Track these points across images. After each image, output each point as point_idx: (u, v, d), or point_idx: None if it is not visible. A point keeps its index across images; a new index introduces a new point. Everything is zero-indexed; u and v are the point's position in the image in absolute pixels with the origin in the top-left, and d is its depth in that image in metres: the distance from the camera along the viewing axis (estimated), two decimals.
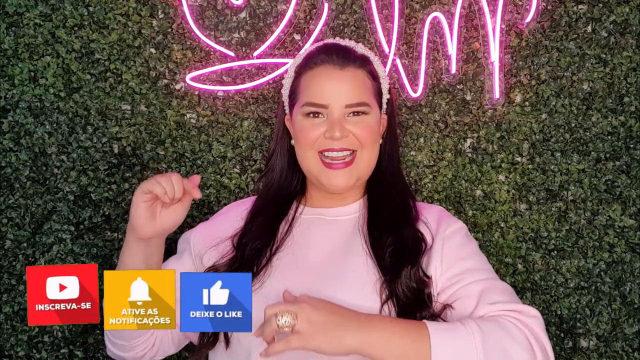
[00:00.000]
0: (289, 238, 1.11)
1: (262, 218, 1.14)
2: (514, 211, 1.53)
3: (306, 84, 1.12)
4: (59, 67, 1.48)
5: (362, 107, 1.10)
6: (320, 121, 1.10)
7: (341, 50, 1.13)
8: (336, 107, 1.08)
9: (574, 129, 1.52)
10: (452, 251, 1.08)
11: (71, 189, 1.50)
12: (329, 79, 1.09)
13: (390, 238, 1.07)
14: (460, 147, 1.53)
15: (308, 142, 1.10)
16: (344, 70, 1.10)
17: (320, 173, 1.10)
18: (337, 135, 1.07)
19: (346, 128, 1.08)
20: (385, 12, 1.49)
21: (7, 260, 1.50)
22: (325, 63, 1.11)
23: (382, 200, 1.15)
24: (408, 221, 1.11)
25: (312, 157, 1.10)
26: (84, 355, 1.51)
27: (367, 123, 1.11)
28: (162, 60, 1.49)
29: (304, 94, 1.11)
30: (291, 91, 1.17)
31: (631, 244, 1.52)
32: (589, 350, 1.52)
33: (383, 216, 1.11)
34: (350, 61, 1.11)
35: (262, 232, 1.11)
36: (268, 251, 1.09)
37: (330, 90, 1.09)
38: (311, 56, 1.15)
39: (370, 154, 1.12)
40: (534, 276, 1.52)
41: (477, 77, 1.51)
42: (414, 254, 1.06)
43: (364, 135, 1.09)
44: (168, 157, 1.51)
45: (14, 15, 1.47)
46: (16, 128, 1.49)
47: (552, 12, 1.51)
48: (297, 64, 1.17)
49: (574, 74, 1.51)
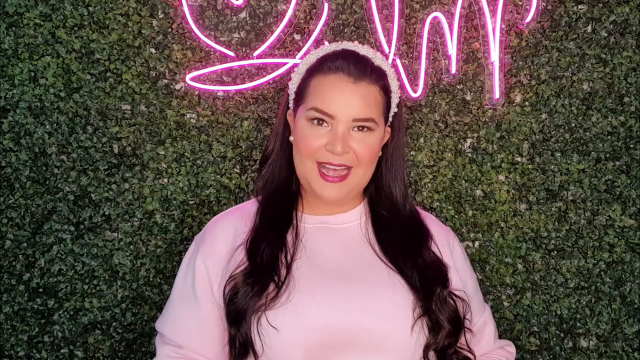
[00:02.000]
0: (300, 246, 1.09)
1: (270, 223, 1.11)
2: (514, 211, 1.53)
3: (316, 87, 1.08)
4: (59, 67, 1.48)
5: (368, 122, 1.07)
6: (324, 131, 1.06)
7: (359, 60, 1.09)
8: (343, 120, 1.05)
9: (574, 129, 1.52)
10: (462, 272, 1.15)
11: (71, 188, 1.50)
12: (341, 91, 1.06)
13: (411, 260, 1.08)
14: (460, 147, 1.53)
15: (308, 151, 1.07)
16: (357, 85, 1.06)
17: (314, 182, 1.08)
18: (339, 151, 1.04)
19: (348, 144, 1.05)
20: (385, 12, 1.50)
21: (7, 260, 1.50)
22: (340, 72, 1.07)
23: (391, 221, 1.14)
24: (424, 243, 1.12)
25: (310, 165, 1.08)
26: (84, 355, 1.51)
27: (370, 141, 1.08)
28: (162, 60, 1.50)
29: (313, 98, 1.08)
30: (299, 89, 1.13)
31: (631, 244, 1.52)
32: (589, 350, 1.53)
33: (396, 239, 1.11)
34: (365, 75, 1.07)
35: (273, 238, 1.08)
36: (284, 259, 1.05)
37: (341, 101, 1.05)
38: (327, 59, 1.10)
39: (365, 171, 1.10)
40: (534, 276, 1.53)
41: (477, 77, 1.52)
42: (442, 274, 1.09)
43: (364, 153, 1.07)
44: (168, 157, 1.51)
45: (14, 15, 1.47)
46: (16, 128, 1.49)
47: (552, 12, 1.51)
48: (311, 63, 1.12)
49: (574, 74, 1.51)
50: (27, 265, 1.51)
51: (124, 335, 1.52)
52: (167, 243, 1.52)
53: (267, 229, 1.10)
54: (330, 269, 1.06)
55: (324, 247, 1.09)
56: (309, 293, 1.02)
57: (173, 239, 1.52)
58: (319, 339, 0.99)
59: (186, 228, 1.52)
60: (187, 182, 1.52)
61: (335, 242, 1.10)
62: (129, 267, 1.51)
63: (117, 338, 1.52)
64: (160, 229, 1.52)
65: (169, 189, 1.51)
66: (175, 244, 1.52)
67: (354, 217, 1.14)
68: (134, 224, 1.52)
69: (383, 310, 1.01)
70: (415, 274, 1.06)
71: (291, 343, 0.99)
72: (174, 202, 1.52)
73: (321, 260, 1.07)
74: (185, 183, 1.51)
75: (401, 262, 1.07)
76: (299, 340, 0.98)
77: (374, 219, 1.14)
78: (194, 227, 1.52)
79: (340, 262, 1.07)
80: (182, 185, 1.51)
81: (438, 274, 1.08)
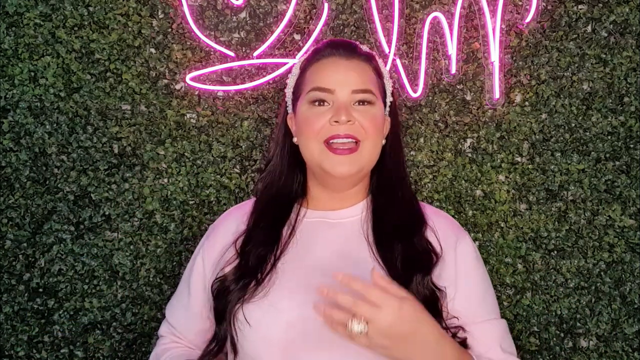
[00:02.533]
0: (293, 242, 1.10)
1: (264, 223, 1.13)
2: (514, 211, 1.53)
3: (313, 72, 1.13)
4: (59, 67, 1.49)
5: (367, 94, 1.10)
6: (325, 109, 1.09)
7: (347, 44, 1.16)
8: (342, 92, 1.08)
9: (574, 129, 1.52)
10: (464, 273, 1.10)
11: (71, 188, 1.51)
12: (336, 67, 1.11)
13: (400, 246, 1.07)
14: (460, 147, 1.54)
15: (313, 131, 1.08)
16: (350, 61, 1.12)
17: (324, 160, 1.08)
18: (344, 119, 1.06)
19: (352, 114, 1.07)
20: (385, 12, 1.50)
21: (7, 260, 1.50)
22: (332, 55, 1.13)
23: (388, 205, 1.14)
24: (417, 229, 1.11)
25: (318, 146, 1.09)
26: (84, 355, 1.52)
27: (372, 114, 1.10)
28: (162, 60, 1.50)
29: (310, 82, 1.12)
30: (296, 87, 1.17)
31: (631, 243, 1.52)
32: (589, 350, 1.53)
33: (391, 223, 1.11)
34: (356, 54, 1.13)
35: (265, 238, 1.10)
36: (272, 257, 1.08)
37: (337, 76, 1.10)
38: (317, 50, 1.17)
39: (373, 146, 1.11)
40: (534, 276, 1.53)
41: (477, 77, 1.52)
42: (425, 263, 1.07)
43: (369, 125, 1.09)
44: (168, 157, 1.51)
45: (14, 15, 1.48)
46: (16, 128, 1.49)
47: (552, 12, 1.51)
48: (303, 60, 1.19)
49: (574, 74, 1.52)
50: (27, 265, 1.51)
51: (124, 335, 1.53)
52: (167, 243, 1.53)
53: (259, 229, 1.13)
54: (317, 265, 1.06)
55: (317, 242, 1.11)
56: (287, 289, 1.03)
57: (173, 238, 1.53)
58: (294, 335, 1.00)
59: (186, 228, 1.53)
60: (187, 182, 1.52)
61: (330, 237, 1.11)
62: (129, 267, 1.52)
63: (117, 338, 1.53)
64: (160, 229, 1.52)
65: (169, 189, 1.52)
66: (175, 244, 1.53)
67: (355, 212, 1.15)
68: (134, 224, 1.52)
69: None
70: (399, 262, 1.05)
71: (267, 338, 1.01)
72: (174, 202, 1.52)
73: (311, 256, 1.09)
74: (185, 183, 1.52)
75: (389, 251, 1.07)
76: (274, 335, 1.00)
77: (375, 210, 1.14)
78: (194, 227, 1.52)
79: (331, 257, 1.08)
80: (182, 185, 1.52)
81: (422, 262, 1.07)
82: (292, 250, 1.10)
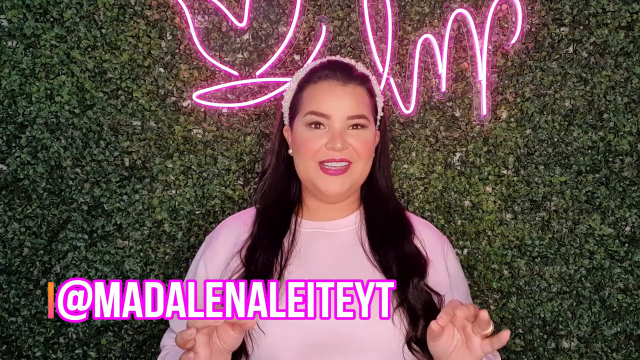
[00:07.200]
0: (295, 252, 1.13)
1: (265, 231, 1.16)
2: (500, 220, 1.57)
3: (309, 96, 1.14)
4: (74, 86, 1.53)
5: (361, 119, 1.12)
6: (322, 132, 1.12)
7: (344, 67, 1.17)
8: (338, 118, 1.11)
9: (557, 144, 1.56)
10: (455, 276, 1.17)
11: (85, 199, 1.55)
12: (332, 93, 1.12)
13: (393, 251, 1.11)
14: (450, 161, 1.58)
15: (310, 153, 1.12)
16: (346, 86, 1.13)
17: (318, 180, 1.13)
18: (339, 147, 1.10)
19: (347, 141, 1.11)
20: (380, 34, 1.55)
21: (25, 267, 1.55)
22: (329, 78, 1.14)
23: (379, 213, 1.19)
24: (407, 236, 1.16)
25: (313, 165, 1.13)
26: (97, 356, 1.56)
27: (365, 137, 1.14)
28: (171, 79, 1.54)
29: (308, 105, 1.13)
30: (292, 103, 1.19)
31: (610, 251, 1.56)
32: (571, 350, 1.57)
33: (382, 229, 1.15)
34: (352, 78, 1.14)
35: (269, 246, 1.12)
36: (278, 265, 1.09)
37: (333, 102, 1.11)
38: (315, 71, 1.17)
39: (364, 166, 1.16)
40: (519, 281, 1.57)
41: (465, 95, 1.56)
42: (419, 267, 1.12)
43: (362, 148, 1.13)
44: (176, 169, 1.55)
45: (32, 37, 1.52)
46: (33, 143, 1.54)
47: (536, 34, 1.56)
48: (301, 78, 1.19)
49: (556, 92, 1.56)
50: (44, 272, 1.55)
51: (134, 336, 1.57)
52: (174, 250, 1.57)
53: (263, 237, 1.14)
54: (321, 273, 1.09)
55: (317, 252, 1.13)
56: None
57: (180, 246, 1.57)
58: (307, 341, 1.02)
59: (193, 236, 1.57)
60: (193, 193, 1.56)
61: (329, 247, 1.14)
62: (139, 273, 1.56)
63: (128, 339, 1.57)
64: (169, 237, 1.56)
65: (176, 200, 1.56)
66: (182, 252, 1.57)
67: (350, 222, 1.18)
68: (143, 233, 1.56)
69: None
70: (394, 265, 1.10)
71: (280, 344, 1.02)
72: (182, 212, 1.56)
73: (313, 264, 1.11)
74: (192, 194, 1.56)
75: (383, 255, 1.11)
76: (287, 342, 1.02)
77: (368, 218, 1.19)
78: (200, 235, 1.56)
79: (331, 265, 1.11)
80: (189, 196, 1.56)
81: (416, 265, 1.11)
82: (295, 260, 1.12)
